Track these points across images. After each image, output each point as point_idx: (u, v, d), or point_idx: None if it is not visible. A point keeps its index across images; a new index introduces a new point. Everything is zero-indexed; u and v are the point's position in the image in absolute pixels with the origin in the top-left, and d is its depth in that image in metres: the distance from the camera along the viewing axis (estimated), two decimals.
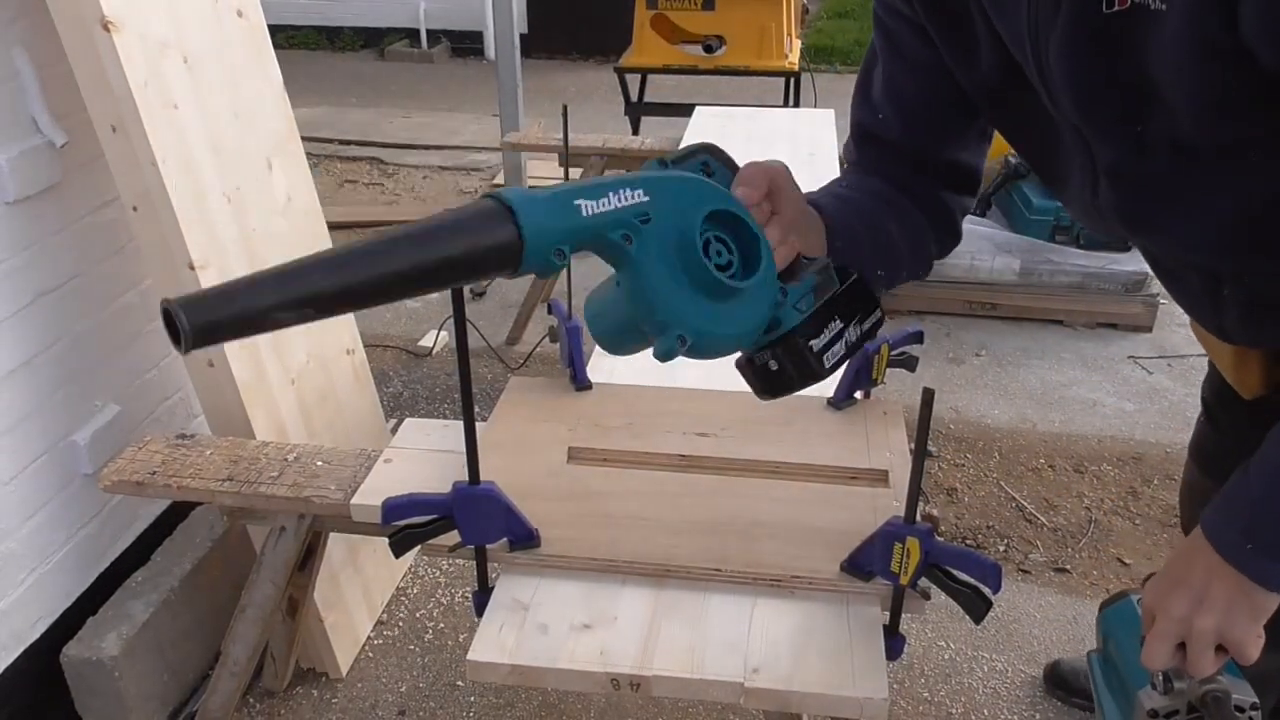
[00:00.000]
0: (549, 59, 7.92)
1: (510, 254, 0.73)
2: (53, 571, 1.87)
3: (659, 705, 2.08)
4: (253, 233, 1.96)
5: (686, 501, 1.38)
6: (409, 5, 8.11)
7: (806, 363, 0.91)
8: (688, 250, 0.81)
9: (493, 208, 0.73)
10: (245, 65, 2.01)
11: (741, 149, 2.92)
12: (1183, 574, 0.99)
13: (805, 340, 0.91)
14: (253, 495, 1.57)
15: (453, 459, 1.48)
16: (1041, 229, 3.68)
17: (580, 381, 1.64)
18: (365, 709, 2.10)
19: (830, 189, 1.16)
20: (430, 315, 3.84)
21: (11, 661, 1.80)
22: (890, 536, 1.16)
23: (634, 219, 0.80)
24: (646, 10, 4.16)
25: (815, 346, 0.91)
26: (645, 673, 1.13)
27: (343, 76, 7.48)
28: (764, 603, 1.23)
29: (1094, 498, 2.78)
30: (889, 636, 1.20)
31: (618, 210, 0.79)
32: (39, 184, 1.75)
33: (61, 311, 1.83)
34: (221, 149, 1.89)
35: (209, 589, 2.07)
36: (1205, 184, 0.96)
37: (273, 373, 1.97)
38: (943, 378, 3.40)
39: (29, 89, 1.72)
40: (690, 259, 0.81)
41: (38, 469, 1.81)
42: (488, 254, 0.73)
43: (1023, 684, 2.17)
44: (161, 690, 1.98)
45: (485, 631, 1.19)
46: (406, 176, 5.41)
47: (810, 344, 0.91)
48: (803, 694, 1.11)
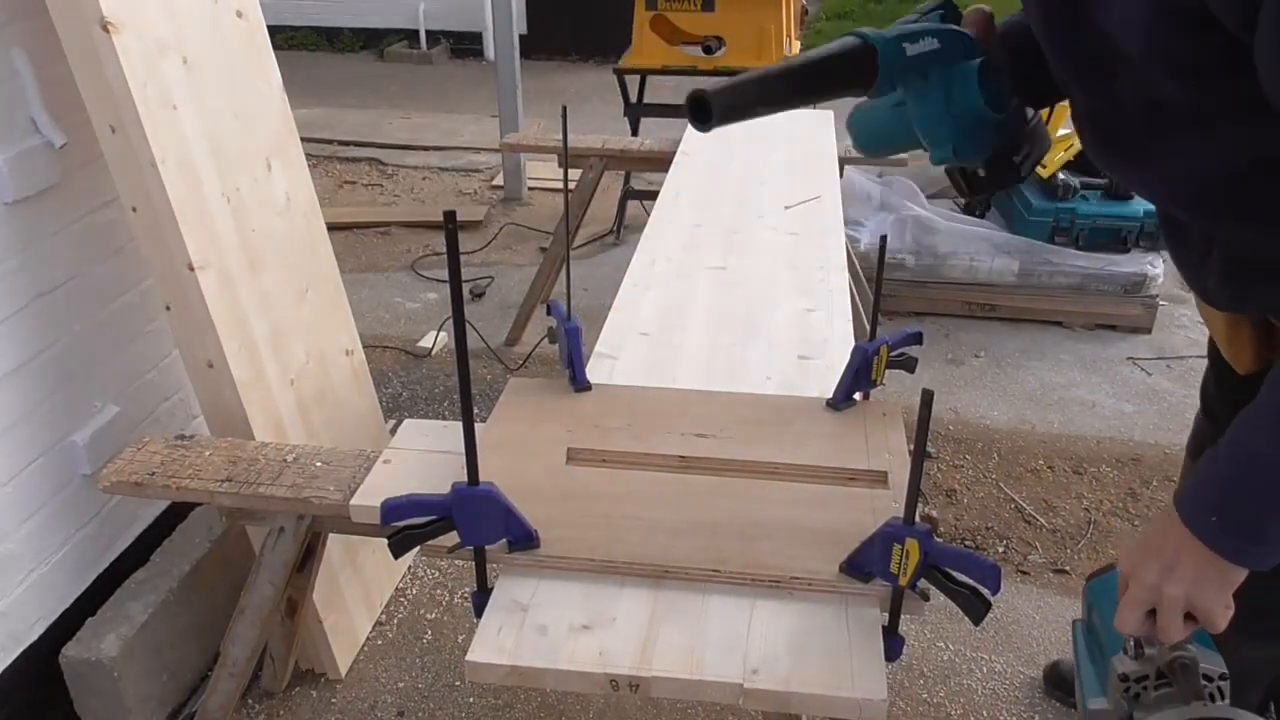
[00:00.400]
0: (548, 60, 7.92)
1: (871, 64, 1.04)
2: (51, 572, 1.87)
3: (658, 706, 2.08)
4: (252, 233, 1.96)
5: (685, 502, 1.38)
6: (408, 6, 8.11)
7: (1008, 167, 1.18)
8: (969, 87, 1.08)
9: (856, 41, 1.06)
10: (244, 66, 2.01)
11: (741, 150, 2.93)
12: (1156, 544, 1.04)
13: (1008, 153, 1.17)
14: (252, 496, 1.57)
15: (452, 460, 1.48)
16: (1040, 230, 3.68)
17: (579, 382, 1.64)
18: (364, 710, 2.10)
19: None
20: (429, 316, 3.84)
21: (10, 662, 1.80)
22: (889, 537, 1.16)
23: (933, 58, 1.07)
24: (646, 11, 4.16)
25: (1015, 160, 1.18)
26: (644, 674, 1.13)
27: (342, 77, 7.48)
28: (763, 604, 1.23)
29: (1093, 499, 2.78)
30: (888, 637, 1.20)
31: (924, 53, 1.06)
32: (38, 184, 1.75)
33: (60, 312, 1.83)
34: (221, 150, 1.89)
35: (208, 590, 2.07)
36: (1180, 144, 0.99)
37: (272, 373, 1.97)
38: (942, 379, 3.40)
39: (28, 90, 1.72)
40: (969, 91, 1.08)
41: (36, 469, 1.81)
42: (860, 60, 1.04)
43: (1021, 685, 2.17)
44: (160, 691, 1.98)
45: (484, 632, 1.18)
46: (406, 177, 5.41)
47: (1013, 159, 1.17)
48: (802, 695, 1.11)
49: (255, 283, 1.95)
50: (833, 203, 2.51)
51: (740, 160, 2.77)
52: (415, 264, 4.28)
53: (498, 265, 4.30)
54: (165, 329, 2.05)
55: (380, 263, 4.33)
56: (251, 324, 1.92)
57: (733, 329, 1.85)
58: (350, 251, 4.39)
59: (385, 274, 4.22)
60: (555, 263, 3.52)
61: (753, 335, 1.83)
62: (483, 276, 4.15)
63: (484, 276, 4.15)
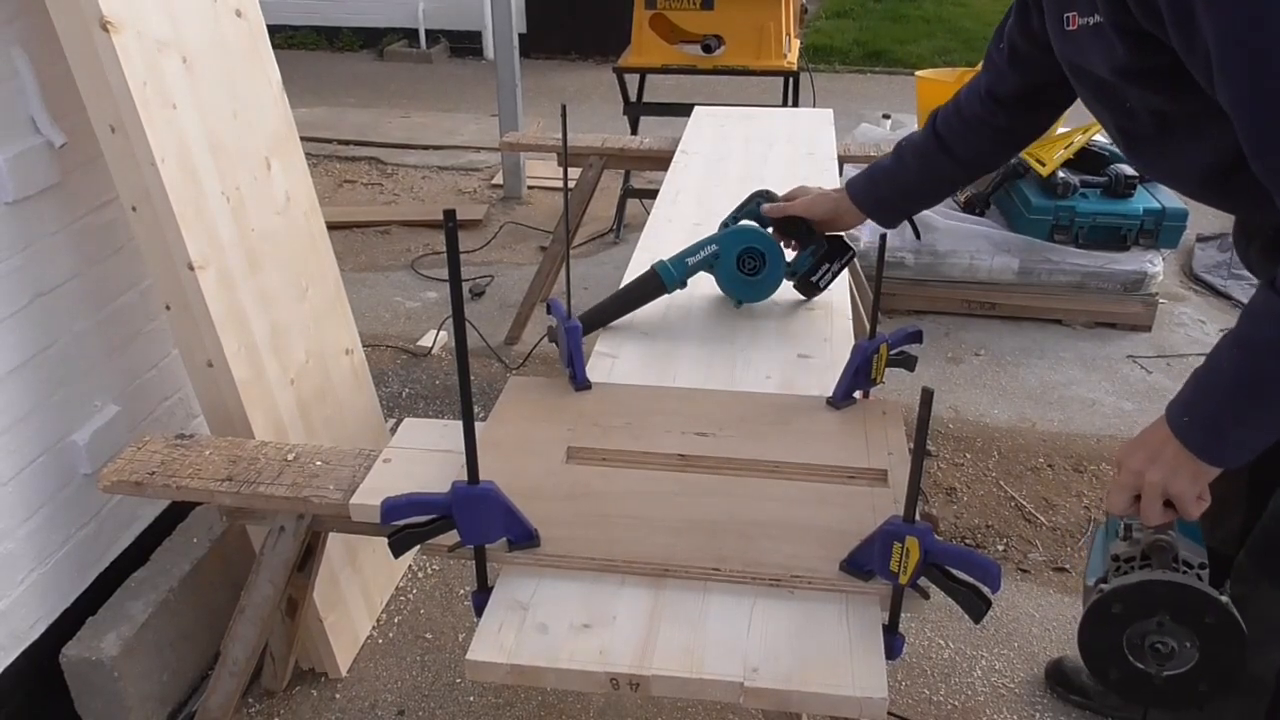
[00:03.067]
0: (547, 59, 7.92)
1: (658, 280, 1.83)
2: (52, 572, 1.87)
3: (658, 705, 2.08)
4: (251, 232, 1.96)
5: (685, 501, 1.38)
6: (408, 5, 8.11)
7: (812, 286, 1.91)
8: (731, 269, 1.87)
9: (649, 270, 1.83)
10: (244, 65, 2.01)
11: (740, 149, 2.92)
12: (1146, 438, 1.20)
13: (807, 276, 1.90)
14: (252, 495, 1.57)
15: (452, 459, 1.48)
16: (1040, 229, 3.68)
17: (579, 381, 1.64)
18: (365, 708, 2.10)
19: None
20: (429, 315, 3.84)
21: (10, 662, 1.80)
22: (889, 536, 1.16)
23: (713, 258, 1.85)
24: (645, 10, 4.16)
25: (813, 279, 1.90)
26: (644, 672, 1.13)
27: (341, 77, 7.48)
28: (763, 602, 1.23)
29: (1093, 497, 2.78)
30: (888, 636, 1.20)
31: (705, 256, 1.84)
32: (38, 184, 1.75)
33: (60, 311, 1.83)
34: (220, 149, 1.89)
35: (208, 589, 2.07)
36: (1180, 144, 1.20)
37: (272, 373, 1.97)
38: (942, 377, 3.40)
39: (28, 89, 1.72)
40: (735, 271, 1.87)
41: (37, 469, 1.81)
42: (651, 281, 1.83)
43: (1022, 683, 2.17)
44: (161, 690, 1.99)
45: (484, 631, 1.19)
46: (405, 176, 5.41)
47: (810, 278, 1.90)
48: (802, 693, 1.11)
49: (255, 282, 1.95)
50: None
51: (740, 159, 2.77)
52: (415, 263, 4.28)
53: (497, 264, 4.30)
54: (165, 328, 2.06)
55: (380, 262, 4.33)
56: (251, 323, 1.92)
57: (733, 327, 1.85)
58: (350, 250, 4.39)
59: (385, 273, 4.22)
60: (555, 261, 3.52)
61: (753, 334, 1.83)
62: (482, 275, 4.15)
63: (484, 275, 4.15)
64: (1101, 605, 1.20)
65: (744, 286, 1.88)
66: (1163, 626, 1.18)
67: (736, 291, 1.89)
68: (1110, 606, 1.19)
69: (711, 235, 1.85)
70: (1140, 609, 1.19)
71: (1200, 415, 1.14)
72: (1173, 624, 1.18)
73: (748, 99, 5.16)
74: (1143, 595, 1.18)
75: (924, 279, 3.77)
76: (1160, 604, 1.18)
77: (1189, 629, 1.18)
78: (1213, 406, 1.14)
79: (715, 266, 1.85)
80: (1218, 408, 1.13)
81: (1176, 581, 1.17)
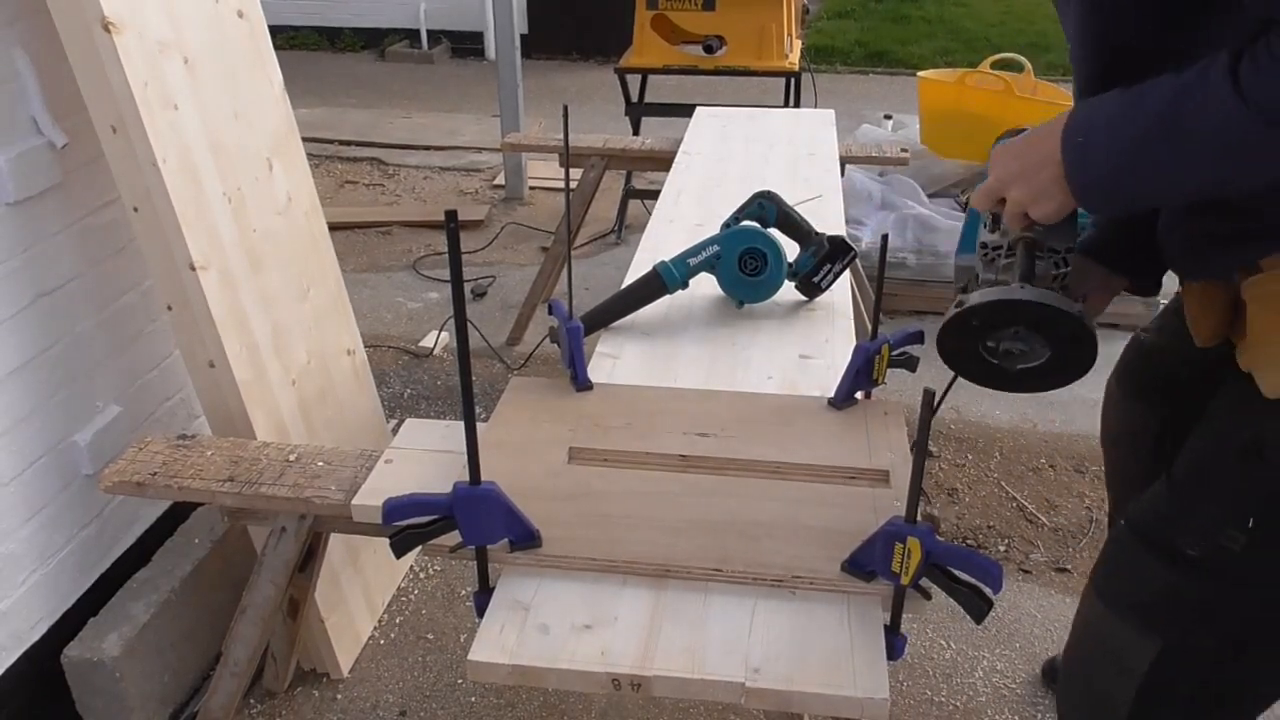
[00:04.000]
0: (549, 59, 7.92)
1: (659, 281, 1.83)
2: (53, 572, 1.87)
3: (660, 705, 2.08)
4: (253, 233, 1.96)
5: (687, 501, 1.38)
6: (409, 6, 8.12)
7: (814, 287, 1.90)
8: (733, 270, 1.86)
9: (650, 271, 1.84)
10: (246, 66, 2.02)
11: (742, 149, 2.92)
12: (1025, 151, 1.16)
13: (809, 277, 1.90)
14: (253, 496, 1.57)
15: (453, 459, 1.48)
16: None
17: (581, 382, 1.64)
18: (366, 709, 2.10)
19: None
20: (431, 316, 3.85)
21: (12, 663, 1.80)
22: (891, 536, 1.16)
23: (715, 258, 1.84)
24: (646, 11, 4.16)
25: (814, 279, 1.90)
26: (646, 673, 1.13)
27: (343, 77, 7.49)
28: (764, 603, 1.23)
29: (1095, 497, 2.78)
30: (890, 636, 1.20)
31: (707, 257, 1.84)
32: (39, 185, 1.75)
33: (62, 312, 1.84)
34: (222, 149, 1.89)
35: (210, 590, 2.07)
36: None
37: (273, 373, 1.97)
38: (943, 378, 3.39)
39: (29, 90, 1.72)
40: (736, 272, 1.87)
41: (38, 470, 1.81)
42: (652, 281, 1.84)
43: (1024, 683, 2.17)
44: (162, 691, 1.99)
45: (486, 632, 1.18)
46: (407, 177, 5.42)
47: (812, 279, 1.90)
48: (804, 694, 1.11)
49: (256, 282, 1.95)
50: (834, 202, 2.51)
51: (741, 159, 2.77)
52: (416, 263, 4.28)
53: (499, 265, 4.31)
54: (166, 329, 2.06)
55: (381, 262, 4.33)
56: (253, 324, 1.92)
57: (734, 328, 1.85)
58: (351, 251, 4.40)
59: (387, 273, 4.22)
60: (556, 262, 3.52)
61: (754, 334, 1.83)
62: (484, 276, 4.15)
63: (485, 276, 4.15)
64: (961, 319, 1.23)
65: (745, 287, 1.88)
66: (1018, 334, 1.24)
67: (738, 292, 1.89)
68: (969, 320, 1.23)
69: (713, 236, 1.85)
70: (997, 322, 1.22)
71: (1101, 139, 1.07)
72: (1027, 332, 1.23)
73: (749, 100, 5.16)
74: (999, 311, 1.21)
75: (925, 279, 3.76)
76: (1016, 318, 1.21)
77: (1043, 336, 1.23)
78: (1121, 135, 1.05)
79: (717, 267, 1.85)
80: (1125, 139, 1.04)
81: (1032, 300, 1.18)
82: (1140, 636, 1.26)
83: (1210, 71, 0.97)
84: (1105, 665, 1.34)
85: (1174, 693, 1.27)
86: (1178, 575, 1.21)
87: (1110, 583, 1.33)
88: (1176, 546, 1.21)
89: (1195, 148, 0.99)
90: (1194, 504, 1.22)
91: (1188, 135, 0.99)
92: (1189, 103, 0.98)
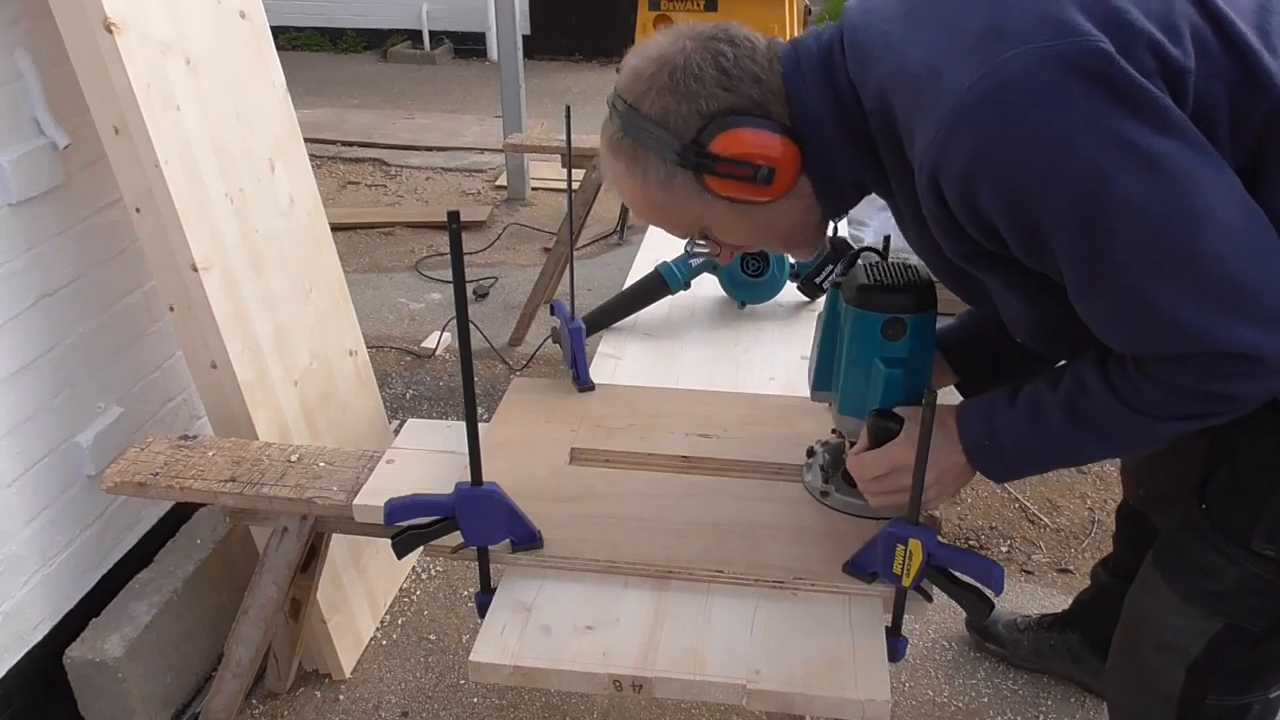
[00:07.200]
0: (551, 60, 7.93)
1: (661, 281, 1.86)
2: (55, 573, 1.87)
3: (661, 706, 2.08)
4: (255, 234, 1.96)
5: (689, 503, 1.38)
6: (411, 7, 8.12)
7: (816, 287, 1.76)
8: (735, 270, 1.87)
9: (652, 271, 1.87)
10: (248, 67, 2.02)
11: None
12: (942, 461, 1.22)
13: (811, 278, 1.74)
14: (255, 496, 1.57)
15: (455, 460, 1.48)
16: None
17: (583, 382, 1.64)
18: (368, 710, 2.10)
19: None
20: (433, 316, 3.85)
21: (14, 663, 1.80)
22: (892, 538, 1.16)
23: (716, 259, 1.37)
24: (649, 11, 4.16)
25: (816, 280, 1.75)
26: (648, 674, 1.13)
27: (345, 78, 7.49)
28: (766, 604, 1.23)
29: (1096, 498, 2.78)
30: (891, 638, 1.20)
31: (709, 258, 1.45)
32: (41, 185, 1.75)
33: (64, 313, 1.84)
34: (224, 150, 1.89)
35: (212, 590, 2.07)
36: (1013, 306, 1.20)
37: (275, 374, 1.97)
38: None
39: (32, 91, 1.72)
40: (738, 272, 1.87)
41: (40, 471, 1.81)
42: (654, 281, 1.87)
43: (1025, 684, 2.16)
44: (164, 691, 1.99)
45: (488, 632, 1.19)
46: (409, 178, 5.42)
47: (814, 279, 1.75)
48: (805, 695, 1.11)
49: (259, 283, 1.95)
50: None
51: None
52: (419, 264, 4.28)
53: (501, 265, 4.31)
54: (169, 330, 2.06)
55: (384, 263, 4.33)
56: (255, 325, 1.92)
57: (736, 329, 1.85)
58: (354, 252, 4.40)
59: (389, 274, 4.22)
60: (559, 263, 3.52)
61: (756, 335, 1.83)
62: (486, 277, 4.15)
63: (487, 277, 4.15)
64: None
65: (747, 288, 1.88)
66: None
67: (740, 293, 1.89)
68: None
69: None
70: None
71: (1011, 450, 1.21)
72: None
73: None
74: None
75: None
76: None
77: None
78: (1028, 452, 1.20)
79: (718, 268, 1.85)
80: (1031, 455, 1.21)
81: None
82: (1204, 620, 1.32)
83: (1088, 380, 1.13)
84: (1160, 646, 1.38)
85: (1224, 668, 1.35)
86: (1255, 568, 1.26)
87: (1181, 570, 1.36)
88: (1252, 547, 1.26)
89: (1104, 441, 1.16)
90: (1265, 499, 1.25)
91: (1096, 433, 1.14)
92: (1086, 407, 1.13)
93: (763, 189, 1.14)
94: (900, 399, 1.29)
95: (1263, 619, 1.29)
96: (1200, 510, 1.33)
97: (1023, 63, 0.96)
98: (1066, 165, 0.96)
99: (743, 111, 1.13)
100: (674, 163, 1.14)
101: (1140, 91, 0.96)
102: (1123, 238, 0.98)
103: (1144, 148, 0.96)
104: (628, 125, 1.16)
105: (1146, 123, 0.96)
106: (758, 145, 1.12)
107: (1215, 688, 1.38)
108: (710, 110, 1.12)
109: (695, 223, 1.22)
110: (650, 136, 1.14)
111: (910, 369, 1.29)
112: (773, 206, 1.18)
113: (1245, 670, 1.37)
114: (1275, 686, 1.41)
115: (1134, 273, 0.99)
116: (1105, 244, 0.99)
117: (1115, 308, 1.04)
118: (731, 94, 1.13)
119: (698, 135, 1.13)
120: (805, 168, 1.16)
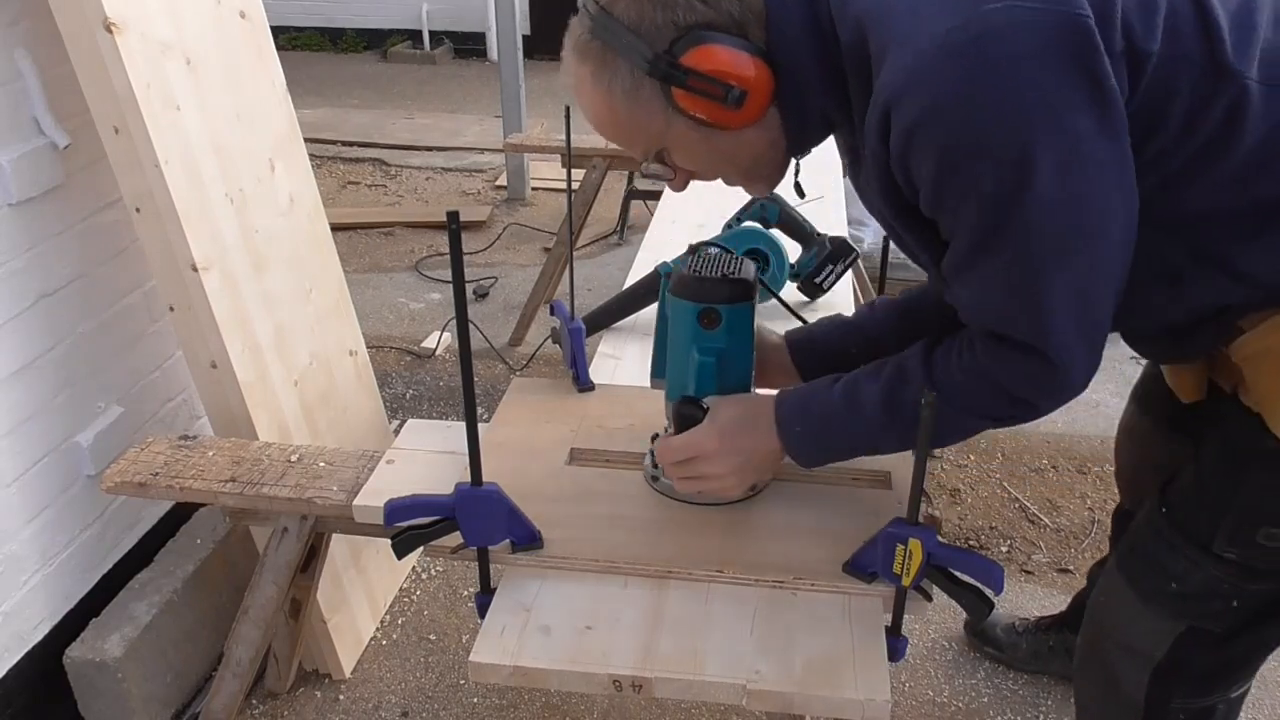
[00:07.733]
0: (551, 60, 7.89)
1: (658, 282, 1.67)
2: (55, 573, 1.87)
3: (661, 706, 2.08)
4: (255, 234, 1.96)
5: (688, 503, 1.38)
6: (411, 7, 8.12)
7: (816, 288, 1.93)
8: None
9: (653, 271, 1.81)
10: (248, 66, 2.02)
11: None
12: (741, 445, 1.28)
13: (811, 278, 1.92)
14: (255, 496, 1.57)
15: (455, 460, 1.48)
16: None
17: (583, 383, 1.64)
18: (368, 710, 2.10)
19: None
20: (433, 316, 3.85)
21: (14, 663, 1.80)
22: (892, 538, 1.16)
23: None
24: None
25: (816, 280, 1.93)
26: (647, 674, 1.13)
27: (345, 78, 7.49)
28: (766, 604, 1.23)
29: (1096, 498, 2.78)
30: (891, 637, 1.20)
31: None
32: (41, 185, 1.75)
33: (64, 313, 1.84)
34: (224, 150, 1.89)
35: (212, 590, 2.07)
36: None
37: (275, 374, 1.97)
38: None
39: (31, 91, 1.72)
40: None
41: (40, 471, 1.81)
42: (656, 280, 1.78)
43: (1025, 684, 2.16)
44: (164, 692, 1.99)
45: (487, 633, 1.19)
46: (409, 178, 5.42)
47: (814, 279, 1.93)
48: (805, 695, 1.11)
49: (259, 283, 1.95)
50: (836, 203, 2.51)
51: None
52: (419, 264, 4.29)
53: (501, 265, 4.31)
54: (168, 330, 2.06)
55: (384, 263, 4.33)
56: (255, 325, 1.92)
57: None
58: (354, 252, 4.40)
59: (389, 274, 4.22)
60: (558, 263, 3.52)
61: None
62: (486, 277, 4.15)
63: (487, 277, 4.16)
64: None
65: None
66: None
67: None
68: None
69: (715, 236, 1.85)
70: None
71: (817, 433, 1.25)
72: None
73: None
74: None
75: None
76: None
77: None
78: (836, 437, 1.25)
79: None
80: (839, 441, 1.26)
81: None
82: (1167, 622, 1.33)
83: (908, 364, 1.18)
84: (1124, 648, 1.39)
85: (1188, 670, 1.36)
86: (1216, 570, 1.27)
87: (1144, 573, 1.36)
88: (1214, 549, 1.26)
89: (908, 431, 1.15)
90: (1228, 502, 1.25)
91: (902, 421, 1.18)
92: (901, 396, 1.17)
93: (732, 112, 1.09)
94: (714, 388, 1.32)
95: (1225, 621, 1.29)
96: (1162, 514, 1.33)
97: (1005, 18, 0.93)
98: (1009, 138, 0.95)
99: (720, 28, 1.07)
100: (643, 71, 1.08)
101: (1105, 90, 0.95)
102: (1028, 219, 0.99)
103: (1085, 148, 0.96)
104: (598, 27, 1.10)
105: (1097, 121, 0.96)
106: (732, 64, 1.07)
107: (1180, 690, 1.38)
108: (687, 22, 1.06)
109: (656, 141, 1.17)
110: (621, 41, 1.08)
111: (724, 359, 1.32)
112: (739, 134, 1.13)
113: (1209, 672, 1.37)
114: (1237, 685, 1.41)
115: (1034, 258, 1.02)
116: (1006, 220, 1.00)
117: (995, 278, 1.06)
118: (710, 8, 1.07)
119: (671, 46, 1.07)
120: (776, 97, 1.11)
